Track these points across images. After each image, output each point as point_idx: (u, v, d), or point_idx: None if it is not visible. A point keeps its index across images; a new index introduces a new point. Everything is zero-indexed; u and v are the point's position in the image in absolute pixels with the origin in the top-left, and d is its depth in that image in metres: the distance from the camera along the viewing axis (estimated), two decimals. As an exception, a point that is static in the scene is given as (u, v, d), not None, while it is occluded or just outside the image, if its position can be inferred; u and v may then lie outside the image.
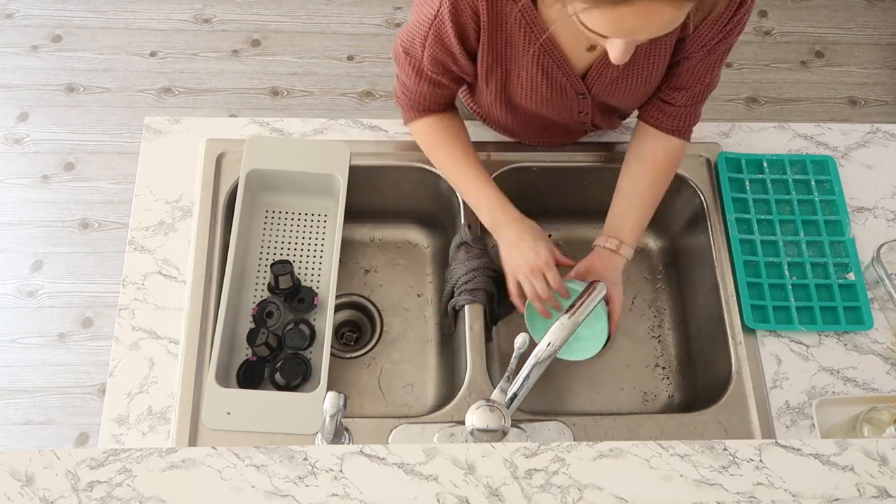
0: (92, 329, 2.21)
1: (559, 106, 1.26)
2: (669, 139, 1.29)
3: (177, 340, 1.26)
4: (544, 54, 1.16)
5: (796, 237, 1.39)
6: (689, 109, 1.27)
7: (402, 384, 1.42)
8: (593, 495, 0.88)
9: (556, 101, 1.25)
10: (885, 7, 2.81)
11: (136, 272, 1.31)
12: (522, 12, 1.10)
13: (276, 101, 2.56)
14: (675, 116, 1.27)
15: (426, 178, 1.43)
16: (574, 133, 1.42)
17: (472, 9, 1.10)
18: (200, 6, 2.69)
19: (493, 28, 1.13)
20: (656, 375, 1.45)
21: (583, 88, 1.22)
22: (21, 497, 0.85)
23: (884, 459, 0.93)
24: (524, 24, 1.12)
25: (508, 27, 1.13)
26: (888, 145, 1.48)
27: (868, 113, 2.62)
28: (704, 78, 1.23)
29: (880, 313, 1.33)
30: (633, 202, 1.29)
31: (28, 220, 2.35)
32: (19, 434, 2.09)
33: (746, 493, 0.90)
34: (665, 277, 1.53)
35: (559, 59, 1.17)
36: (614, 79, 1.20)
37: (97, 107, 2.52)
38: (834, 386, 1.28)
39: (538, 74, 1.19)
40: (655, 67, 1.20)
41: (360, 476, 0.88)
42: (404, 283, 1.51)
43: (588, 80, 1.21)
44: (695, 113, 1.28)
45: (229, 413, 1.21)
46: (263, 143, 1.41)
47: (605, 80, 1.21)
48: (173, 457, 0.88)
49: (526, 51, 1.15)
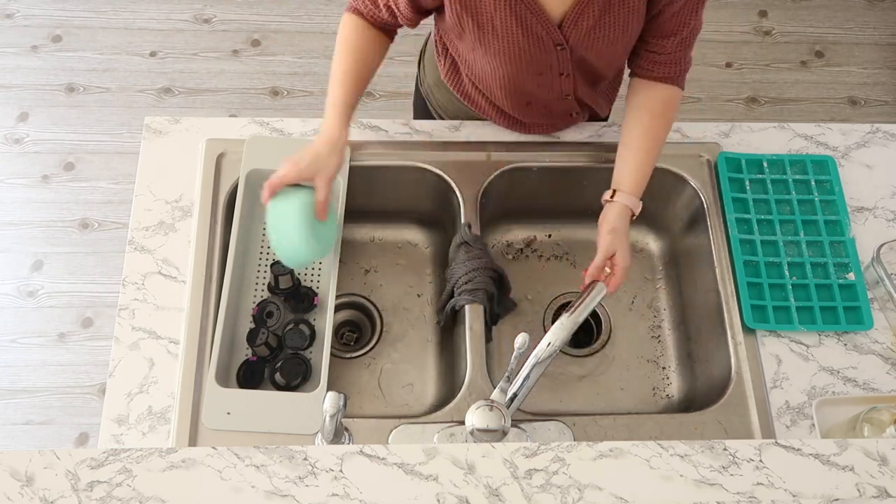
0: (92, 329, 2.21)
1: (538, 62, 1.26)
2: (663, 87, 1.30)
3: (177, 340, 1.26)
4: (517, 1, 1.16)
5: (796, 237, 1.39)
6: (678, 55, 1.28)
7: (402, 384, 1.42)
8: (593, 495, 0.88)
9: (534, 56, 1.24)
10: (885, 7, 2.81)
11: (136, 272, 1.31)
12: None
13: (276, 101, 2.56)
14: (665, 63, 1.28)
15: (426, 178, 1.43)
16: (557, 113, 1.41)
17: None
18: (200, 6, 2.69)
19: None
20: (656, 376, 1.45)
21: (560, 38, 1.21)
22: (21, 497, 0.85)
23: (884, 459, 0.93)
24: None
25: None
26: (888, 145, 1.48)
27: (868, 113, 2.62)
28: (689, 21, 1.23)
29: (880, 313, 1.33)
30: (630, 150, 1.29)
31: (28, 220, 2.35)
32: (19, 434, 2.09)
33: (746, 493, 0.90)
34: (665, 277, 1.53)
35: (533, 4, 1.16)
36: (591, 27, 1.20)
37: (97, 107, 2.52)
38: (834, 386, 1.28)
39: (513, 23, 1.18)
40: (633, 15, 1.19)
41: (360, 476, 0.88)
42: (404, 283, 1.51)
43: (564, 27, 1.20)
44: (685, 58, 1.29)
45: (229, 413, 1.21)
46: (263, 143, 1.41)
47: (583, 29, 1.20)
48: (173, 457, 0.88)
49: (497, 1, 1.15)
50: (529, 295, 1.50)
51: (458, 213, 1.40)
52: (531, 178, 1.45)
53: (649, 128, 1.30)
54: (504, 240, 1.55)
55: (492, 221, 1.49)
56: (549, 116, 1.42)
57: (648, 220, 1.54)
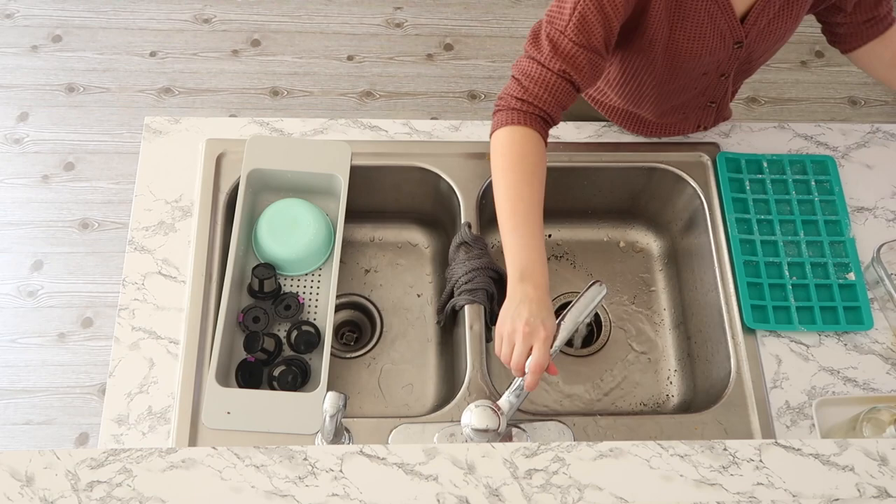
0: (92, 329, 2.21)
1: (713, 60, 1.25)
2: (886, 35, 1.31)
3: (177, 340, 1.26)
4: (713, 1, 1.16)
5: (796, 237, 1.39)
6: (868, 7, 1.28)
7: (402, 384, 1.42)
8: (593, 495, 0.89)
9: (714, 51, 1.23)
10: (885, 7, 2.81)
11: (136, 272, 1.31)
12: None
13: (276, 101, 2.56)
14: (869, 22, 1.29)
15: (426, 178, 1.43)
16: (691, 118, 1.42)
17: None
18: (200, 6, 2.69)
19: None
20: (656, 376, 1.45)
21: (741, 34, 1.22)
22: (21, 497, 0.85)
23: (884, 459, 0.93)
24: None
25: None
26: (888, 145, 1.48)
27: (868, 113, 2.62)
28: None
29: (880, 313, 1.33)
30: None
31: (28, 220, 2.35)
32: (19, 434, 2.09)
33: (746, 493, 0.90)
34: (665, 277, 1.53)
35: (725, 4, 1.17)
36: (769, 20, 1.21)
37: (97, 107, 2.52)
38: (834, 386, 1.28)
39: (707, 21, 1.18)
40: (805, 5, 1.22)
41: (360, 476, 0.88)
42: (404, 283, 1.51)
43: (746, 24, 1.21)
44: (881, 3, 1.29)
45: (229, 413, 1.21)
46: (264, 142, 1.41)
47: (762, 23, 1.21)
48: (173, 457, 0.88)
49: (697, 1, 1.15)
50: (529, 295, 1.50)
51: (458, 213, 1.40)
52: (531, 178, 1.45)
53: None
54: (504, 240, 1.55)
55: (492, 221, 1.49)
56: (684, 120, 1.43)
57: (648, 220, 1.54)
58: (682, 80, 1.29)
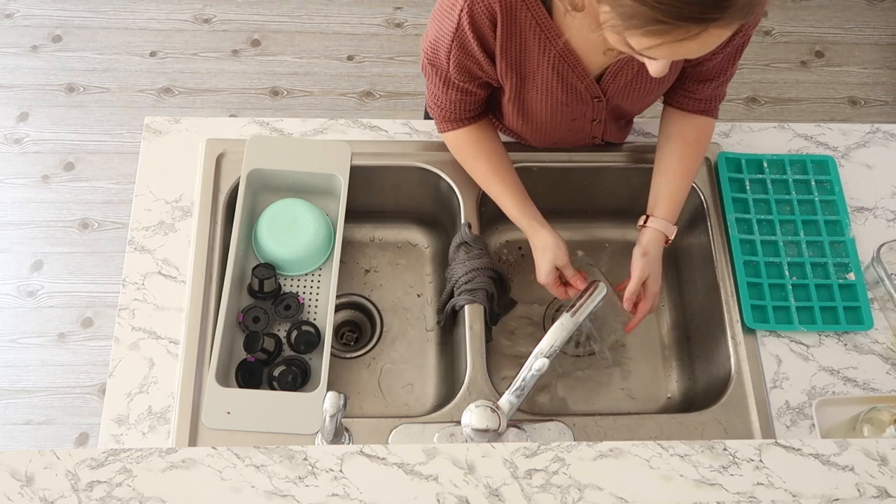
0: (92, 329, 2.21)
1: (574, 111, 1.27)
2: (697, 118, 1.31)
3: (177, 340, 1.26)
4: (560, 59, 1.16)
5: (796, 237, 1.39)
6: (713, 93, 1.29)
7: (402, 384, 1.42)
8: (593, 495, 0.89)
9: (571, 106, 1.25)
10: (885, 7, 2.81)
11: (136, 272, 1.31)
12: (536, 20, 1.11)
13: (276, 101, 2.56)
14: (700, 100, 1.29)
15: (426, 178, 1.43)
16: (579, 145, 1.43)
17: (489, 17, 1.11)
18: (200, 6, 2.69)
19: (508, 35, 1.13)
20: (656, 375, 1.45)
21: (598, 91, 1.22)
22: (21, 497, 0.85)
23: (884, 459, 0.93)
24: (539, 32, 1.12)
25: (523, 34, 1.13)
26: (888, 145, 1.48)
27: (868, 113, 2.62)
28: (727, 70, 1.25)
29: (880, 313, 1.33)
30: (664, 176, 1.30)
31: (28, 220, 2.34)
32: (19, 434, 2.09)
33: (746, 493, 0.90)
34: (665, 277, 1.53)
35: (575, 63, 1.17)
36: (629, 80, 1.21)
37: (97, 107, 2.52)
38: (834, 386, 1.28)
39: (554, 79, 1.19)
40: (672, 69, 1.20)
41: (360, 476, 0.88)
42: (404, 283, 1.51)
43: (603, 83, 1.21)
44: (720, 94, 1.30)
45: (229, 413, 1.21)
46: (265, 142, 1.41)
47: (621, 83, 1.21)
48: (173, 457, 0.88)
49: (542, 57, 1.16)
50: (529, 295, 1.50)
51: (458, 213, 1.40)
52: (531, 179, 1.45)
53: (683, 155, 1.30)
54: (504, 240, 1.55)
55: (492, 221, 1.49)
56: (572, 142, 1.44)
57: (648, 220, 1.54)
58: (552, 122, 1.30)
